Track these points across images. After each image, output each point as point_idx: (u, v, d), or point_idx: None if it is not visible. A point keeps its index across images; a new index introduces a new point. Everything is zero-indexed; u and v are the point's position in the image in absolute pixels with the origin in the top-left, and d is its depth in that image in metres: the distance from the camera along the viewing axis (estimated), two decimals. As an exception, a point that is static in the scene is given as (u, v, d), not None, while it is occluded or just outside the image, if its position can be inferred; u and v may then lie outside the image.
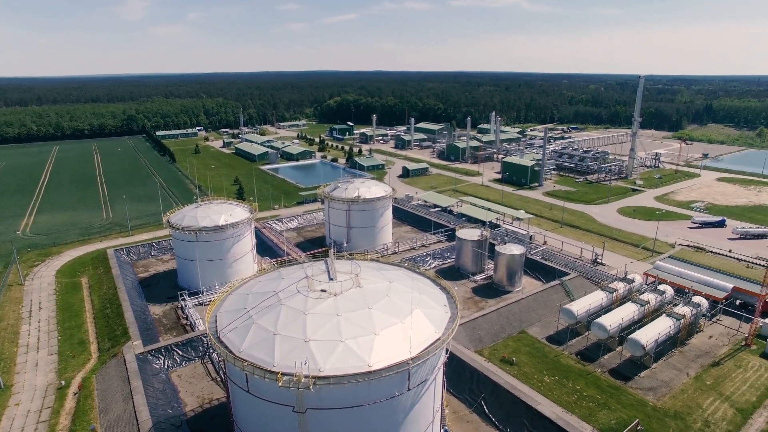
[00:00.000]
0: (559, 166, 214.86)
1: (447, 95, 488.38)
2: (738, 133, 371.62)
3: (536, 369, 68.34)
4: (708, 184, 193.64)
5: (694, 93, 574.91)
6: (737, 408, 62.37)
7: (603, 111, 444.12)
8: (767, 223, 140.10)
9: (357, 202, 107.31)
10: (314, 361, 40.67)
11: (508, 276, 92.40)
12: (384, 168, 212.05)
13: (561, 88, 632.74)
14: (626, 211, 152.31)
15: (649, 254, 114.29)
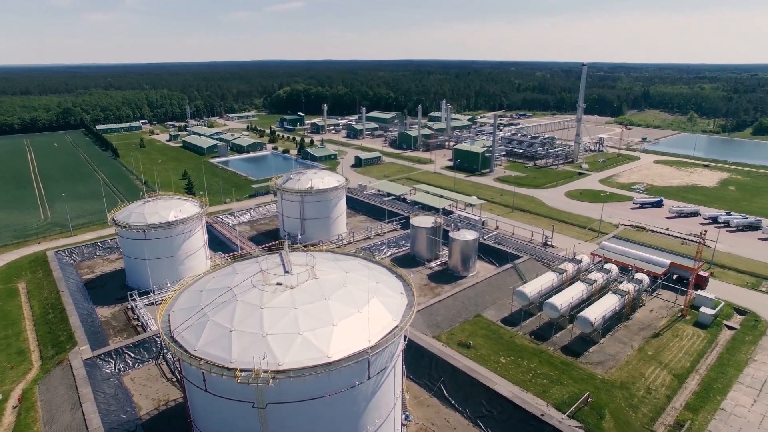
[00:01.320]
0: (509, 152, 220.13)
1: (398, 84, 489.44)
2: (672, 118, 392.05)
3: (492, 351, 70.33)
4: (647, 167, 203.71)
5: (633, 80, 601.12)
6: (674, 374, 66.59)
7: (549, 98, 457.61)
8: (699, 202, 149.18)
9: (310, 193, 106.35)
10: (273, 355, 40.28)
11: (462, 261, 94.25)
12: (336, 158, 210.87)
13: (509, 75, 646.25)
14: (573, 194, 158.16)
15: (595, 235, 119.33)
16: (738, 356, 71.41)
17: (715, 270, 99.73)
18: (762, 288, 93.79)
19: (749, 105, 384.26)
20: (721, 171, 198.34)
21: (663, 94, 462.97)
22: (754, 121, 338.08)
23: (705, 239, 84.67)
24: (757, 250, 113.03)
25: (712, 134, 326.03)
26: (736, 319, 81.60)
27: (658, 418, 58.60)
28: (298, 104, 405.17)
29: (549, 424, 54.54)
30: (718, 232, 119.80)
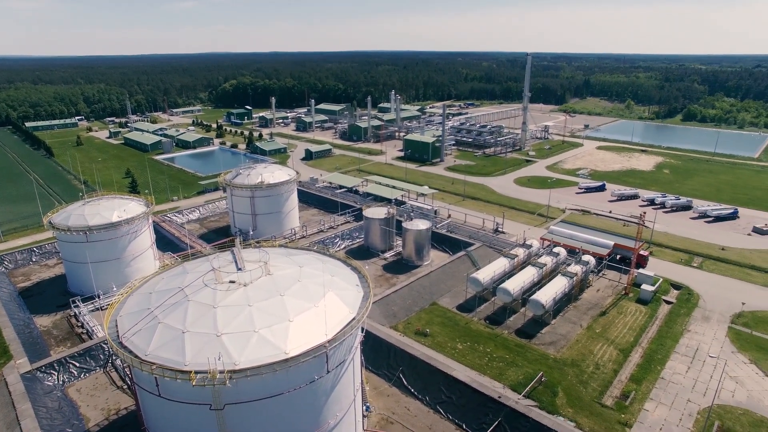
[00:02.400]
0: (458, 141, 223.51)
1: (346, 75, 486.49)
2: (611, 105, 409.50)
3: (449, 337, 71.59)
4: (590, 153, 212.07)
5: (575, 69, 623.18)
6: (620, 349, 70.06)
7: (496, 87, 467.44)
8: (637, 185, 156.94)
9: (261, 188, 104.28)
10: (228, 355, 39.37)
11: (416, 251, 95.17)
12: (286, 151, 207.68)
13: (457, 65, 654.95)
14: (522, 181, 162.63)
15: (543, 220, 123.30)
16: (675, 328, 75.92)
17: (654, 249, 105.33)
18: (694, 264, 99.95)
19: (678, 93, 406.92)
20: (657, 155, 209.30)
21: (602, 82, 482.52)
22: (683, 108, 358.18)
23: (644, 220, 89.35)
24: (689, 228, 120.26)
25: (647, 121, 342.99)
26: (672, 294, 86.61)
27: (606, 392, 61.53)
28: (245, 98, 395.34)
29: (506, 405, 56.18)
30: (656, 213, 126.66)
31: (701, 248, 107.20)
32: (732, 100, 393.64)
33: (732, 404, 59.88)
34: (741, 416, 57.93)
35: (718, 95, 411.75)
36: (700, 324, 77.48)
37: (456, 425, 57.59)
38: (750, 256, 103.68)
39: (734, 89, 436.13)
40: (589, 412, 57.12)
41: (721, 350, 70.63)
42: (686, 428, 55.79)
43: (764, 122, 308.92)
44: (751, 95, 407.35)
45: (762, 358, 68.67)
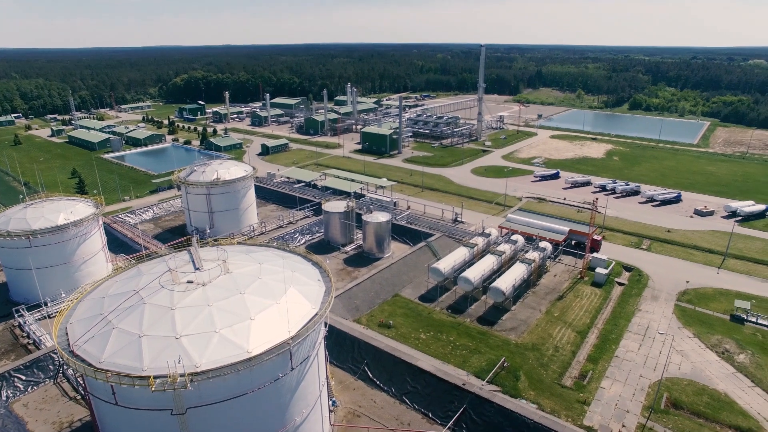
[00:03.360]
0: (415, 133, 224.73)
1: (301, 68, 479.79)
2: (563, 95, 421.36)
3: (412, 328, 72.20)
4: (544, 142, 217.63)
5: (527, 60, 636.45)
6: (577, 331, 72.59)
7: (451, 78, 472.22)
8: (589, 172, 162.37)
9: (217, 185, 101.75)
10: (189, 357, 38.28)
11: (377, 243, 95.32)
12: (242, 147, 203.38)
13: (412, 57, 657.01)
14: (479, 171, 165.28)
15: (501, 209, 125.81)
16: (627, 308, 79.27)
17: (607, 233, 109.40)
18: (643, 246, 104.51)
19: (625, 83, 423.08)
20: (607, 143, 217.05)
21: (554, 73, 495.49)
22: (630, 98, 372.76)
23: (597, 206, 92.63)
24: (637, 213, 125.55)
25: (597, 110, 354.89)
26: (624, 276, 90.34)
27: (566, 373, 63.66)
28: (197, 92, 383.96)
29: (470, 391, 57.23)
30: (607, 199, 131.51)
31: (649, 231, 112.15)
32: (673, 90, 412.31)
33: (678, 376, 63.16)
34: (686, 387, 61.23)
35: (660, 85, 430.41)
36: (649, 303, 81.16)
37: (422, 414, 58.29)
38: (692, 237, 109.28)
39: (674, 79, 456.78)
40: (550, 394, 58.94)
41: (668, 327, 74.26)
42: (639, 402, 58.44)
43: (701, 111, 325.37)
44: (690, 85, 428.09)
45: (704, 332, 72.69)
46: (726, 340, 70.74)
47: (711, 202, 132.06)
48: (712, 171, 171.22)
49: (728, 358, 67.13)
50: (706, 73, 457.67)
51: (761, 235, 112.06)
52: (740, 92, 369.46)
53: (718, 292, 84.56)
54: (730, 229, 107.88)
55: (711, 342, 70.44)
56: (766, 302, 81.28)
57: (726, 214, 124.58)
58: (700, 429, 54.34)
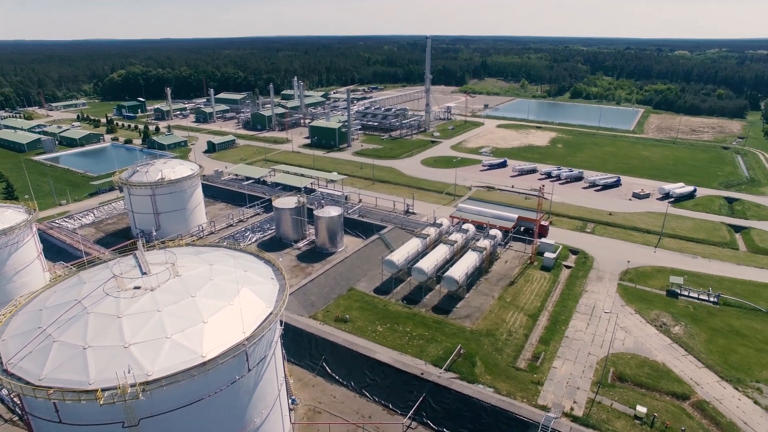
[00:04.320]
0: (364, 125, 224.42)
1: (246, 62, 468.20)
2: (507, 85, 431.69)
3: (369, 321, 72.45)
4: (491, 131, 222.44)
5: (472, 51, 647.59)
6: (529, 315, 75.06)
7: (398, 70, 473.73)
8: (535, 160, 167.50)
9: (162, 185, 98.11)
10: (139, 366, 36.86)
11: (329, 238, 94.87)
12: (187, 144, 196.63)
13: (358, 50, 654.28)
14: (428, 161, 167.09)
15: (452, 198, 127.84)
16: (575, 290, 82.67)
17: (553, 219, 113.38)
18: (587, 229, 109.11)
19: (566, 73, 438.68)
20: (550, 131, 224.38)
21: (498, 63, 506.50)
22: (570, 87, 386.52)
23: (543, 193, 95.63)
24: (581, 197, 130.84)
25: (540, 99, 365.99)
26: (571, 259, 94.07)
27: (520, 356, 65.77)
28: (136, 89, 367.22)
29: (429, 380, 58.25)
30: (553, 185, 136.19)
31: (593, 215, 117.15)
32: (610, 79, 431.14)
33: (623, 351, 66.61)
34: (630, 360, 64.70)
35: (598, 74, 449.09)
36: (595, 284, 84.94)
37: (383, 406, 58.84)
38: (632, 219, 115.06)
39: (611, 69, 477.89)
40: (506, 377, 60.76)
41: (613, 305, 78.06)
42: (588, 378, 61.23)
43: (636, 98, 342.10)
44: (625, 74, 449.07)
45: (644, 308, 76.93)
46: (663, 314, 75.13)
47: (647, 185, 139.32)
48: (647, 156, 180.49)
49: (665, 330, 71.36)
50: (638, 63, 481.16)
51: (690, 214, 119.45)
52: (669, 81, 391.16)
53: (656, 270, 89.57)
54: (664, 210, 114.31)
55: (650, 317, 74.61)
56: (696, 276, 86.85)
57: (660, 196, 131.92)
58: (642, 398, 57.58)
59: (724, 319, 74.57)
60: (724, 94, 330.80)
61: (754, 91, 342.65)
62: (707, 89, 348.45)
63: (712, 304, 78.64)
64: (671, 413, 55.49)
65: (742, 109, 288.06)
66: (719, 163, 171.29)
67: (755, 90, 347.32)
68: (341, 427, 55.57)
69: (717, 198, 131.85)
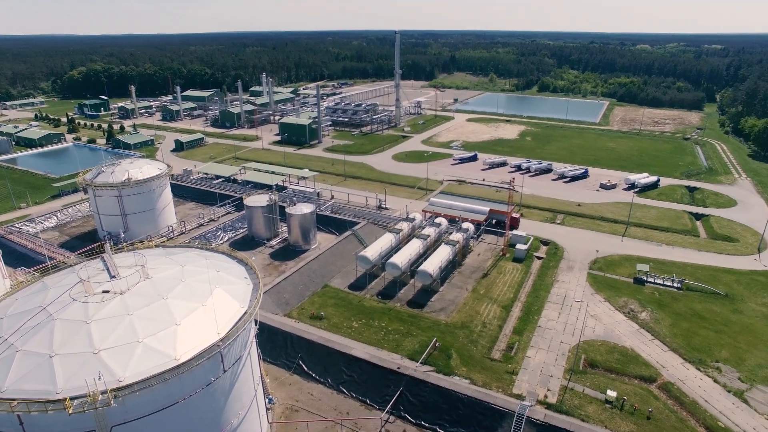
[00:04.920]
0: (334, 121, 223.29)
1: (213, 59, 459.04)
2: (476, 79, 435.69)
3: (344, 317, 72.42)
4: (461, 125, 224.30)
5: (441, 46, 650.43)
6: (502, 306, 76.27)
7: (368, 65, 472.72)
8: (505, 153, 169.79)
9: (129, 186, 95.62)
10: (110, 372, 35.96)
11: (302, 235, 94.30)
12: (154, 144, 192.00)
13: (327, 45, 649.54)
14: (400, 156, 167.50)
15: (424, 193, 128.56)
16: (546, 280, 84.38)
17: (524, 211, 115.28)
18: (557, 221, 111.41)
19: (533, 66, 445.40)
20: (519, 124, 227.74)
21: (467, 58, 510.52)
22: (538, 80, 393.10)
23: (513, 185, 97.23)
24: (551, 189, 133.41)
25: (509, 92, 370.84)
26: (542, 250, 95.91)
27: (494, 347, 66.82)
28: (98, 87, 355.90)
29: (405, 374, 58.67)
30: (523, 177, 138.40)
31: (562, 206, 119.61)
32: (576, 72, 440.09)
33: (593, 338, 68.41)
34: (600, 347, 66.51)
35: (564, 68, 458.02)
36: (566, 273, 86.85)
37: (360, 402, 59.02)
38: (599, 209, 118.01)
39: (577, 62, 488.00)
40: (481, 368, 61.67)
41: (583, 294, 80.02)
42: (561, 366, 62.68)
43: (601, 91, 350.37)
44: (590, 68, 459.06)
45: (613, 296, 79.14)
46: (631, 301, 77.45)
47: (613, 176, 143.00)
48: (613, 147, 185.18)
49: (633, 317, 73.60)
50: (603, 57, 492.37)
51: (655, 203, 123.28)
52: (632, 74, 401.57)
53: (623, 258, 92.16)
54: (630, 200, 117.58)
55: (619, 304, 76.80)
56: (661, 264, 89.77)
57: (626, 187, 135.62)
58: (612, 383, 59.32)
59: (687, 303, 77.38)
60: (683, 87, 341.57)
61: (710, 84, 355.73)
62: (667, 82, 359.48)
63: (675, 289, 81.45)
64: (639, 396, 57.34)
65: (699, 101, 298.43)
66: (680, 153, 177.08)
67: (711, 83, 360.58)
68: (319, 424, 55.52)
69: (679, 187, 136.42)
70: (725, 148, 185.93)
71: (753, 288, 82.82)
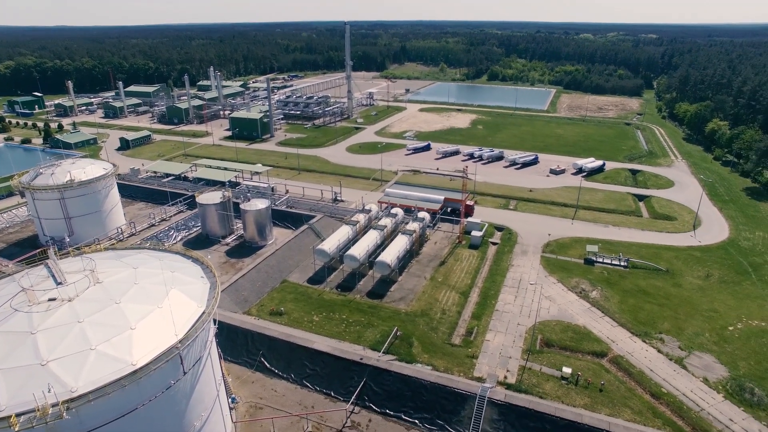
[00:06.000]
0: (286, 114, 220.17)
1: (157, 52, 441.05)
2: (427, 69, 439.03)
3: (304, 312, 72.10)
4: (413, 115, 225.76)
5: (391, 36, 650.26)
6: (460, 292, 77.95)
7: (318, 57, 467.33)
8: (458, 142, 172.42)
9: (72, 187, 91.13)
10: (61, 383, 34.50)
11: (258, 231, 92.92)
12: (97, 142, 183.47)
13: (276, 37, 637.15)
14: (354, 148, 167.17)
15: (379, 184, 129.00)
16: (502, 265, 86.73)
17: (478, 198, 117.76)
18: (510, 207, 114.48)
19: (482, 56, 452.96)
20: (471, 113, 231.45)
21: (418, 48, 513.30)
22: (487, 69, 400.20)
23: (467, 173, 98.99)
24: (503, 176, 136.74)
25: (459, 82, 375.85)
26: (497, 236, 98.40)
27: (454, 332, 68.31)
28: (30, 83, 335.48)
29: (368, 364, 59.17)
30: (475, 165, 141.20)
31: (514, 192, 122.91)
32: (523, 61, 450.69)
33: (548, 318, 71.09)
34: (555, 326, 69.22)
35: (512, 57, 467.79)
36: (520, 258, 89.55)
37: (325, 395, 59.18)
38: (550, 194, 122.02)
39: (524, 51, 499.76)
40: (442, 354, 62.94)
41: (537, 276, 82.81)
42: (519, 347, 64.84)
43: (548, 79, 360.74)
44: (537, 56, 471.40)
45: (565, 277, 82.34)
46: (582, 281, 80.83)
47: (562, 162, 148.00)
48: (561, 133, 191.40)
49: (584, 296, 76.90)
50: (549, 46, 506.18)
51: (601, 186, 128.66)
52: (576, 62, 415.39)
53: (574, 240, 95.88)
54: (579, 184, 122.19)
55: (571, 284, 80.00)
56: (609, 244, 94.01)
57: (574, 171, 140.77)
58: (567, 360, 61.94)
59: (633, 280, 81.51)
60: (623, 74, 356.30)
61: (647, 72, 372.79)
62: (609, 70, 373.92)
63: (622, 268, 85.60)
64: (592, 370, 60.16)
65: (639, 88, 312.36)
66: (623, 138, 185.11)
67: (648, 70, 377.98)
68: (285, 420, 55.31)
69: (623, 171, 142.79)
70: (663, 132, 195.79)
71: (690, 263, 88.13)
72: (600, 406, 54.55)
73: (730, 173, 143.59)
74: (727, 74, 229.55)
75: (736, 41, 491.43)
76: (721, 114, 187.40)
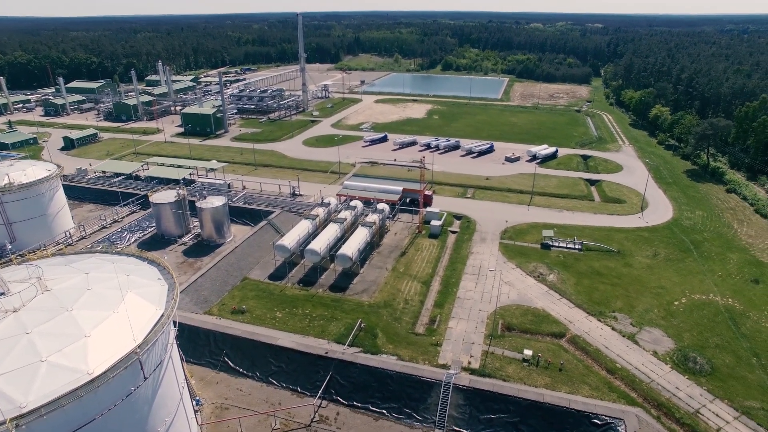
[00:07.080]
0: (240, 109, 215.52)
1: (99, 46, 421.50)
2: (382, 60, 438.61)
3: (267, 309, 71.28)
4: (369, 107, 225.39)
5: (345, 28, 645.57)
6: (422, 282, 78.90)
7: (271, 50, 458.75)
8: (414, 132, 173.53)
9: (11, 191, 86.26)
10: (8, 399, 32.74)
11: (216, 229, 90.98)
12: (38, 142, 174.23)
13: (226, 29, 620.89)
14: (310, 141, 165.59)
15: (337, 177, 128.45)
16: (462, 253, 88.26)
17: (436, 188, 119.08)
18: (468, 195, 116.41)
19: (436, 46, 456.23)
20: (426, 103, 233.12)
21: (371, 39, 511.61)
22: (441, 59, 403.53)
23: (424, 163, 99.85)
24: (460, 165, 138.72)
25: (414, 72, 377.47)
26: (456, 225, 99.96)
27: (417, 321, 69.16)
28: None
29: (333, 358, 59.21)
30: (432, 155, 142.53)
31: (471, 181, 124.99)
32: (477, 51, 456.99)
33: (509, 303, 72.99)
34: (515, 310, 71.19)
35: (465, 47, 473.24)
36: (479, 245, 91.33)
37: (291, 390, 58.90)
38: (506, 181, 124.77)
39: (477, 41, 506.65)
40: (407, 343, 63.66)
41: (496, 263, 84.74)
42: (481, 333, 66.32)
43: (501, 68, 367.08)
44: (489, 46, 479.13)
45: (523, 262, 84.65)
46: (539, 265, 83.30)
47: (517, 149, 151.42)
48: (515, 122, 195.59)
49: (542, 279, 79.34)
50: (501, 36, 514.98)
51: (555, 173, 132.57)
52: (528, 51, 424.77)
53: (530, 226, 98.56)
54: (533, 171, 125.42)
55: (529, 269, 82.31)
56: (564, 228, 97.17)
57: (528, 158, 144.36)
58: (528, 342, 63.86)
59: (587, 262, 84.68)
60: (573, 63, 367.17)
61: (595, 60, 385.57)
62: (559, 58, 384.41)
63: (577, 251, 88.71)
64: (552, 351, 62.30)
65: (587, 76, 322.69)
66: (574, 125, 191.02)
67: (596, 59, 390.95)
68: (252, 419, 54.73)
69: (575, 156, 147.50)
70: (611, 119, 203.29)
71: (638, 243, 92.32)
72: (560, 385, 56.62)
73: (672, 156, 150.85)
74: (666, 62, 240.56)
75: (674, 31, 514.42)
76: (663, 100, 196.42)
